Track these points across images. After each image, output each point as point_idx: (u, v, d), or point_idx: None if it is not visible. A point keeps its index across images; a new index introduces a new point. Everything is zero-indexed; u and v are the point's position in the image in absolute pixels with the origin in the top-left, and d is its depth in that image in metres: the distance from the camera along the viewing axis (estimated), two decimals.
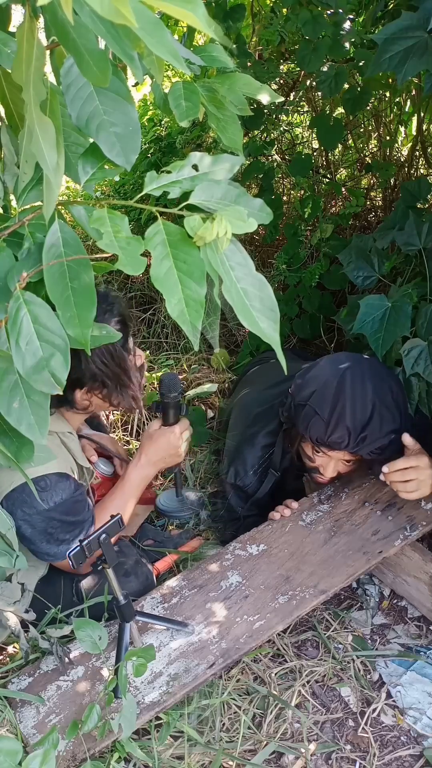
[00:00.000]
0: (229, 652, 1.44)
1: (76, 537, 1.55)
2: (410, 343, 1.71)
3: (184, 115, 0.90)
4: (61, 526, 1.54)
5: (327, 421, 1.61)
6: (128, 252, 0.78)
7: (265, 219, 0.85)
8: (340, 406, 1.61)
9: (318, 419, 1.62)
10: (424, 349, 1.69)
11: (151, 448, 1.73)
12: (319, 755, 1.41)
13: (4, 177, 0.98)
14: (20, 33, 0.72)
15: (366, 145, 3.14)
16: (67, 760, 1.27)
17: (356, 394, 1.61)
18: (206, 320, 0.82)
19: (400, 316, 1.76)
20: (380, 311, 1.80)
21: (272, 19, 2.46)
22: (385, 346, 1.77)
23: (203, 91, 0.95)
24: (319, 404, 1.63)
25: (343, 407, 1.60)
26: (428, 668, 1.56)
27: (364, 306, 1.81)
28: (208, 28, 0.59)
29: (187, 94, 0.92)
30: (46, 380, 0.87)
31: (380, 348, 1.77)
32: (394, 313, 1.78)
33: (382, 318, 1.79)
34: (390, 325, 1.77)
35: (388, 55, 1.56)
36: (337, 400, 1.61)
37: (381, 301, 1.81)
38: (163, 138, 3.34)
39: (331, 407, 1.61)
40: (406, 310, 1.76)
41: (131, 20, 0.55)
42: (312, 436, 1.66)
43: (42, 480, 1.51)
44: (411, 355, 1.70)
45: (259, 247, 3.07)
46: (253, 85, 1.00)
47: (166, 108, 0.94)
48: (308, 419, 1.64)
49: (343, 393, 1.62)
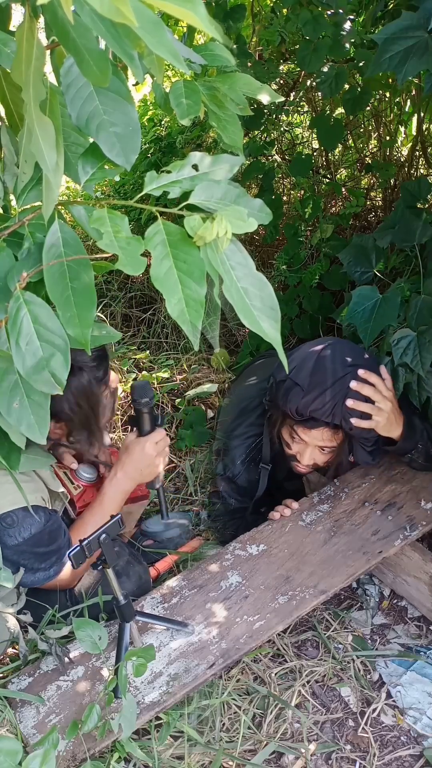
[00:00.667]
0: (229, 652, 1.44)
1: (53, 564, 1.52)
2: (400, 333, 1.74)
3: (185, 113, 0.90)
4: (34, 557, 1.49)
5: (306, 391, 1.64)
6: (128, 252, 0.78)
7: (265, 219, 0.85)
8: (319, 376, 1.65)
9: (298, 390, 1.66)
10: (413, 339, 1.72)
11: (126, 461, 1.63)
12: (319, 755, 1.41)
13: (4, 177, 0.98)
14: (20, 33, 0.72)
15: (366, 145, 3.14)
16: (67, 760, 1.27)
17: (336, 365, 1.66)
18: (206, 320, 0.82)
19: (389, 307, 1.81)
20: (371, 302, 1.85)
21: (272, 19, 2.46)
22: (372, 336, 1.82)
23: (204, 90, 0.95)
24: (298, 376, 1.67)
25: (323, 376, 1.64)
26: (428, 668, 1.56)
27: (356, 296, 1.86)
28: (208, 28, 0.59)
29: (188, 92, 0.92)
30: (46, 380, 0.87)
31: (368, 337, 1.83)
32: (384, 303, 1.83)
33: (372, 309, 1.84)
34: (379, 316, 1.82)
35: (388, 55, 1.56)
36: (316, 370, 1.66)
37: (372, 293, 1.86)
38: (163, 138, 3.34)
39: (310, 378, 1.65)
40: (395, 302, 1.80)
41: (131, 19, 0.55)
42: (292, 408, 1.68)
43: (8, 516, 1.45)
44: (400, 345, 1.73)
45: (260, 248, 3.07)
46: (254, 84, 1.00)
47: (167, 107, 0.94)
48: (288, 391, 1.68)
49: (322, 364, 1.66)
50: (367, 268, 1.99)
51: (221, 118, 0.95)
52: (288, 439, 1.79)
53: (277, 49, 2.69)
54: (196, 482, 2.20)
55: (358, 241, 2.02)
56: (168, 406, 2.50)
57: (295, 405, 1.66)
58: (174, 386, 2.56)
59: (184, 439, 2.34)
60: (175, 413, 2.46)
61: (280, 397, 1.70)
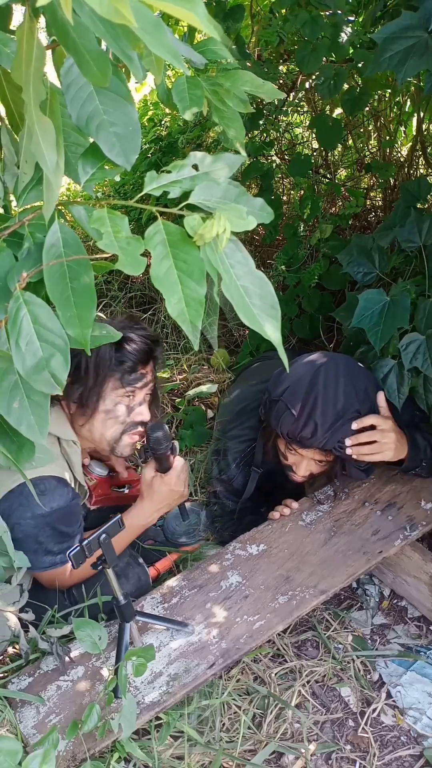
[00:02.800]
0: (229, 653, 1.44)
1: (62, 551, 1.52)
2: (408, 338, 1.73)
3: (187, 106, 0.90)
4: (52, 535, 1.50)
5: (297, 417, 1.63)
6: (128, 252, 0.78)
7: (266, 218, 0.85)
8: (312, 403, 1.62)
9: (289, 414, 1.64)
10: (422, 343, 1.71)
11: (154, 498, 1.64)
12: (319, 755, 1.41)
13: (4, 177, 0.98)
14: (20, 33, 0.72)
15: (366, 146, 3.14)
16: (67, 760, 1.27)
17: (328, 391, 1.63)
18: (206, 320, 0.82)
19: (399, 310, 1.78)
20: (379, 305, 1.82)
21: (271, 19, 2.46)
22: (383, 339, 1.79)
23: (207, 86, 0.95)
24: (291, 400, 1.64)
25: (315, 404, 1.62)
26: (428, 668, 1.56)
27: (363, 300, 1.83)
28: (208, 28, 0.59)
29: (191, 86, 0.92)
30: (46, 380, 0.87)
31: (378, 341, 1.80)
32: (392, 306, 1.80)
33: (380, 312, 1.81)
34: (389, 319, 1.79)
35: (387, 54, 1.56)
36: (308, 396, 1.63)
37: (380, 296, 1.83)
38: (163, 138, 3.34)
39: (302, 403, 1.63)
40: (404, 304, 1.78)
41: (130, 20, 0.55)
42: (283, 432, 1.67)
43: (41, 482, 1.47)
44: (409, 349, 1.72)
45: (259, 248, 3.07)
46: (256, 81, 1.00)
47: (170, 102, 0.94)
48: (280, 414, 1.66)
49: (315, 389, 1.63)
50: (369, 268, 1.98)
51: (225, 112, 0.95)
52: (284, 450, 1.77)
53: (276, 50, 2.68)
54: (196, 482, 2.20)
55: (358, 241, 2.02)
56: (168, 406, 2.51)
57: (287, 430, 1.65)
58: (174, 386, 2.56)
59: (184, 439, 2.34)
60: (175, 413, 2.46)
61: (272, 416, 1.69)
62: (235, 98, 0.97)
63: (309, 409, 1.62)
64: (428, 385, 1.72)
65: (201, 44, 0.98)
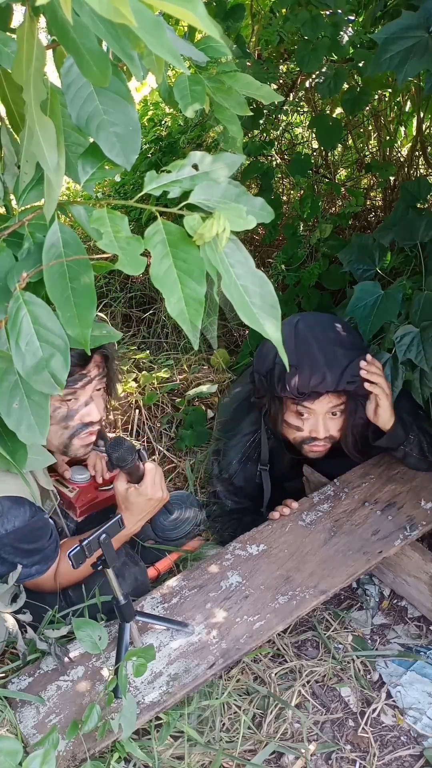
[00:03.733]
0: (229, 653, 1.44)
1: (35, 563, 1.49)
2: (402, 330, 1.74)
3: (189, 103, 0.90)
4: (15, 552, 1.46)
5: (300, 369, 1.65)
6: (128, 252, 0.78)
7: (266, 218, 0.85)
8: (306, 350, 1.65)
9: (292, 371, 1.66)
10: (416, 335, 1.73)
11: (134, 510, 1.59)
12: (319, 755, 1.41)
13: (4, 177, 0.98)
14: (20, 33, 0.72)
15: (366, 145, 3.14)
16: (67, 760, 1.27)
17: (316, 332, 1.68)
18: (206, 320, 0.82)
19: (390, 303, 1.84)
20: (372, 297, 1.88)
21: (271, 19, 2.46)
22: (372, 330, 1.85)
23: (208, 83, 0.96)
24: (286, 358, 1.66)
25: (310, 349, 1.65)
26: (428, 668, 1.56)
27: (358, 291, 1.89)
28: (208, 27, 0.59)
29: (192, 83, 0.93)
30: (46, 380, 0.87)
31: (368, 332, 1.86)
32: (385, 299, 1.86)
33: (373, 304, 1.87)
34: (380, 311, 1.86)
35: (388, 54, 1.56)
36: (300, 346, 1.66)
37: (375, 288, 1.89)
38: (163, 138, 3.33)
39: (298, 356, 1.65)
40: (396, 298, 1.84)
41: (130, 19, 0.55)
42: (293, 390, 1.67)
43: None
44: (403, 341, 1.74)
45: (259, 247, 3.07)
46: (254, 84, 1.00)
47: (171, 100, 0.94)
48: (281, 377, 1.67)
49: (302, 337, 1.68)
50: (369, 266, 2.01)
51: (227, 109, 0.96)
52: (296, 421, 1.77)
53: (276, 49, 2.69)
54: (196, 482, 2.20)
55: (358, 241, 2.03)
56: (168, 406, 2.50)
57: (295, 385, 1.66)
58: (174, 386, 2.56)
59: (184, 439, 2.34)
60: (175, 413, 2.46)
61: (275, 384, 1.70)
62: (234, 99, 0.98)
63: (308, 356, 1.65)
64: (424, 378, 1.74)
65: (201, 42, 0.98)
